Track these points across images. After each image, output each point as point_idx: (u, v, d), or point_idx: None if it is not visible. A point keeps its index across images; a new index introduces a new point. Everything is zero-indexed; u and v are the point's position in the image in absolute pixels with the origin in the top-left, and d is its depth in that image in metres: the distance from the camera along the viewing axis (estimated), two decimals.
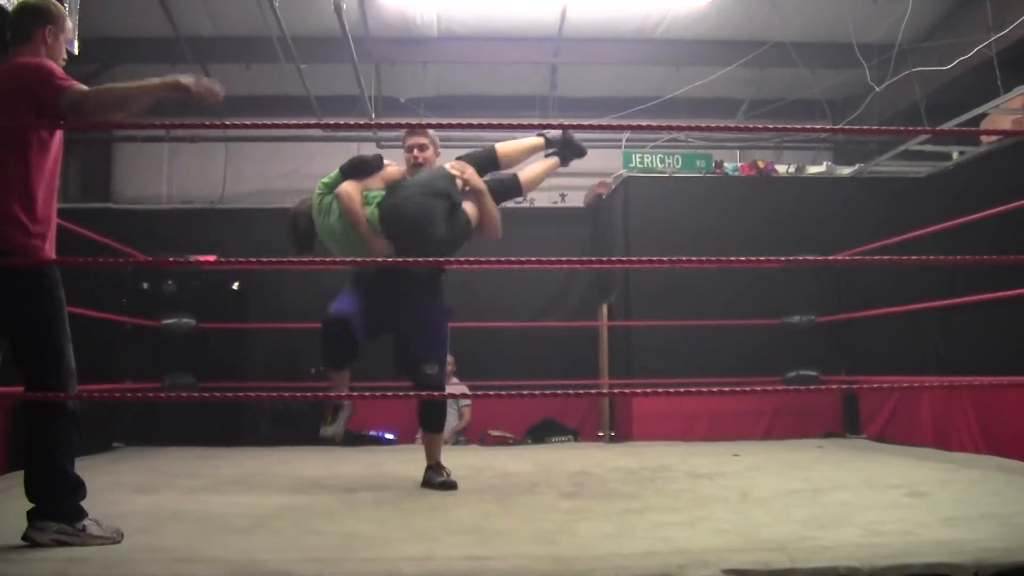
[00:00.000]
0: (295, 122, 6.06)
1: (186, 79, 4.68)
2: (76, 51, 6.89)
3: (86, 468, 7.64)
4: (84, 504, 4.53)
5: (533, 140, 7.19)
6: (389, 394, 6.75)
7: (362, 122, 11.46)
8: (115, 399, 10.82)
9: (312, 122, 8.31)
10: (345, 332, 6.25)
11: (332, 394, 6.36)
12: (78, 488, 4.52)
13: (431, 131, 6.93)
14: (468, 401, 11.65)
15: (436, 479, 6.56)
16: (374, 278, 6.57)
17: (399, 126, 9.17)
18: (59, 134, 4.72)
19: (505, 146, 7.01)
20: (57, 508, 4.41)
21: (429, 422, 6.79)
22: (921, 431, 9.68)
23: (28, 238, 4.54)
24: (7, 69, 4.60)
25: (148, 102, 4.68)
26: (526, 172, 7.11)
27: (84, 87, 4.60)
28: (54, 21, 4.78)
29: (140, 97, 4.62)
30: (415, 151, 6.86)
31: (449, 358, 11.53)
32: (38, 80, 4.54)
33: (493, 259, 5.33)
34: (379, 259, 6.36)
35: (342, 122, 10.58)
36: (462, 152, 13.61)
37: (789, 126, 8.19)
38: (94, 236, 9.24)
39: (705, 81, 12.75)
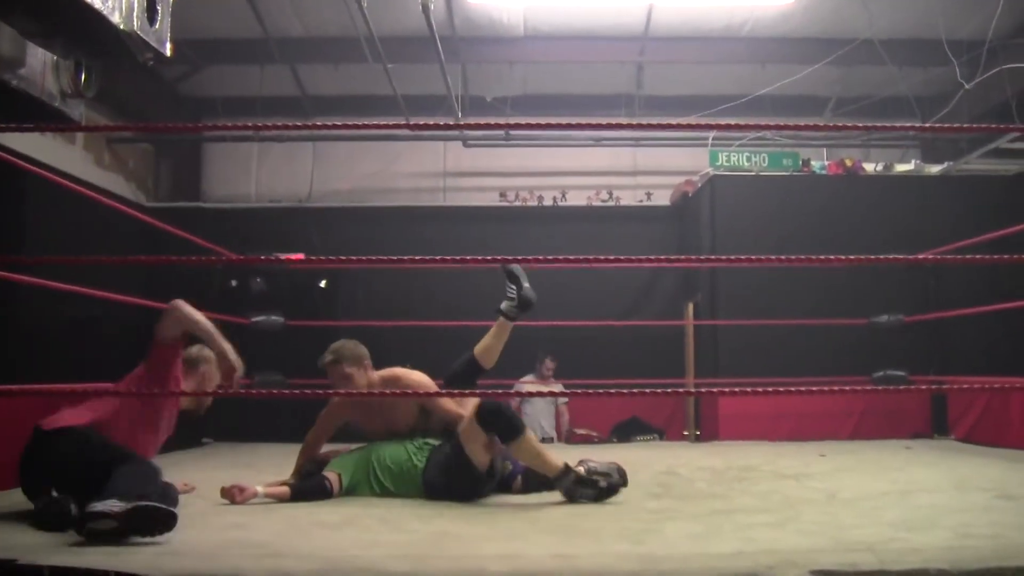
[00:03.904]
0: (382, 123, 6.09)
1: (238, 368, 5.54)
2: (168, 53, 6.97)
3: (178, 463, 7.82)
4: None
5: (498, 324, 6.68)
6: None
7: (447, 123, 11.51)
8: (205, 395, 10.97)
9: (399, 122, 8.32)
10: None
11: None
12: None
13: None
14: (566, 399, 11.74)
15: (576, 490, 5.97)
16: None
17: (480, 126, 9.20)
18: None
19: (481, 347, 6.66)
20: None
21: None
22: (1011, 432, 9.54)
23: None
24: None
25: (208, 344, 5.58)
26: (480, 349, 6.69)
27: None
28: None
29: (208, 338, 5.51)
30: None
31: (551, 363, 11.63)
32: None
33: (580, 257, 5.33)
34: None
35: (429, 124, 10.66)
36: (548, 149, 13.65)
37: (877, 124, 8.06)
38: (185, 235, 9.37)
39: (792, 79, 12.63)
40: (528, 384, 11.45)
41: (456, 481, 5.99)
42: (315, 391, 6.12)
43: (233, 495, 5.89)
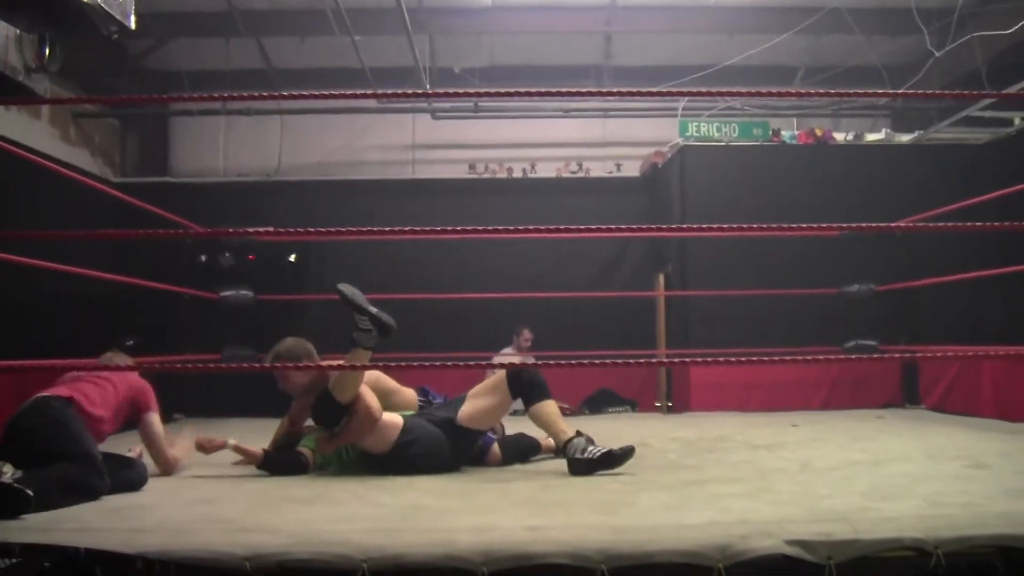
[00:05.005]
0: (349, 92, 6.04)
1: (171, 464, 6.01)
2: (132, 26, 6.88)
3: None
4: None
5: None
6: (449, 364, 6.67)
7: (416, 92, 11.43)
8: (175, 371, 10.91)
9: (366, 92, 8.27)
10: None
11: None
12: None
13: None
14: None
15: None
16: None
17: (450, 95, 9.13)
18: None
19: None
20: None
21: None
22: (982, 401, 9.57)
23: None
24: None
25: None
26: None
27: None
28: None
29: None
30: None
31: (529, 334, 11.60)
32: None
33: (550, 227, 5.31)
34: None
35: (398, 92, 10.56)
36: (517, 121, 13.54)
37: (848, 91, 8.02)
38: (153, 209, 9.29)
39: (760, 49, 12.54)
40: (507, 356, 11.41)
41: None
42: (285, 365, 6.06)
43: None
